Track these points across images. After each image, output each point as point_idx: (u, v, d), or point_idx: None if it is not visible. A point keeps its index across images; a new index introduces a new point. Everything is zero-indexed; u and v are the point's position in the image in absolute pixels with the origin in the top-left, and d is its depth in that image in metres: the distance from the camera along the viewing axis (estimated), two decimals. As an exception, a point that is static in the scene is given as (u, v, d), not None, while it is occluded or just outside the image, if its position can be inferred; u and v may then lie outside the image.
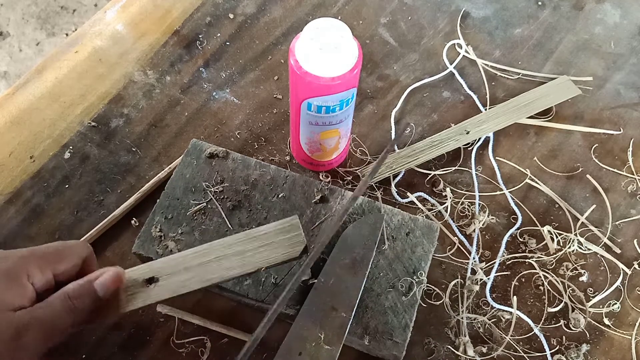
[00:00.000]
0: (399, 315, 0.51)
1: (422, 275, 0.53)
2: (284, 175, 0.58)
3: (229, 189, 0.57)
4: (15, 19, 1.74)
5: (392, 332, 0.51)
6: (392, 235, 0.55)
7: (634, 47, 0.73)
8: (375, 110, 0.68)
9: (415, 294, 0.52)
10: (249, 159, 0.59)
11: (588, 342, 0.55)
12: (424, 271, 0.53)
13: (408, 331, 0.51)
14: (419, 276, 0.53)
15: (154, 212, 0.56)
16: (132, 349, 0.54)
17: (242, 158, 0.59)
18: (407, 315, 0.51)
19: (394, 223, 0.56)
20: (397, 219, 0.56)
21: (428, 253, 0.54)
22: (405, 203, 0.61)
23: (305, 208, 0.56)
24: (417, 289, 0.52)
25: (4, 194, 0.61)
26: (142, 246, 0.54)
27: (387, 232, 0.55)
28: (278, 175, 0.58)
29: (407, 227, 0.56)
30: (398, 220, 0.56)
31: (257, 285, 0.52)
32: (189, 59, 0.71)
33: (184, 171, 0.58)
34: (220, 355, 0.54)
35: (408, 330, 0.51)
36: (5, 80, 1.64)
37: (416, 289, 0.52)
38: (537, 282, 0.58)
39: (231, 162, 0.58)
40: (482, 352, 0.54)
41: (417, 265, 0.54)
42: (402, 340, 0.51)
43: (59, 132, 0.65)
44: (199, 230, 0.55)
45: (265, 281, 0.53)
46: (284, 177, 0.58)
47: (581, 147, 0.66)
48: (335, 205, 0.56)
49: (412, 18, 0.75)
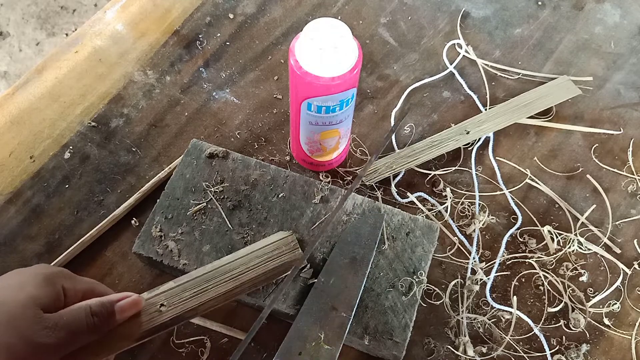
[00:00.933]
0: (399, 315, 0.51)
1: (422, 275, 0.53)
2: (284, 175, 0.58)
3: (229, 189, 0.57)
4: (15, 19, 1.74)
5: (392, 332, 0.51)
6: (392, 235, 0.55)
7: (634, 47, 0.73)
8: (375, 110, 0.68)
9: (415, 293, 0.52)
10: (249, 159, 0.59)
11: (588, 342, 0.55)
12: (424, 271, 0.54)
13: (408, 331, 0.51)
14: (419, 276, 0.53)
15: (154, 212, 0.56)
16: (132, 349, 0.54)
17: (242, 158, 0.59)
18: (407, 315, 0.52)
19: (394, 223, 0.56)
20: (397, 219, 0.56)
21: (428, 253, 0.54)
22: (406, 203, 0.61)
23: (305, 208, 0.56)
24: (417, 289, 0.53)
25: (4, 193, 0.61)
26: (142, 246, 0.54)
27: (387, 232, 0.55)
28: (278, 175, 0.58)
29: (407, 227, 0.56)
30: (398, 220, 0.56)
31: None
32: (189, 59, 0.71)
33: (184, 171, 0.58)
34: (220, 355, 0.54)
35: (408, 330, 0.51)
36: (5, 80, 1.64)
37: (416, 289, 0.52)
38: (537, 282, 0.58)
39: (231, 162, 0.58)
40: (482, 352, 0.54)
41: (417, 265, 0.54)
42: (402, 340, 0.51)
43: (59, 132, 0.65)
44: (199, 230, 0.55)
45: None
46: (284, 177, 0.58)
47: (581, 147, 0.66)
48: (335, 205, 0.56)
49: (412, 18, 0.75)
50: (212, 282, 0.49)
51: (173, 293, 0.47)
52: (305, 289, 0.52)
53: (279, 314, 0.53)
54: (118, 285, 0.57)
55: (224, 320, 0.55)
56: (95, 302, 0.43)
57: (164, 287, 0.48)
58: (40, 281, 0.41)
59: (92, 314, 0.42)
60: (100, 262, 0.58)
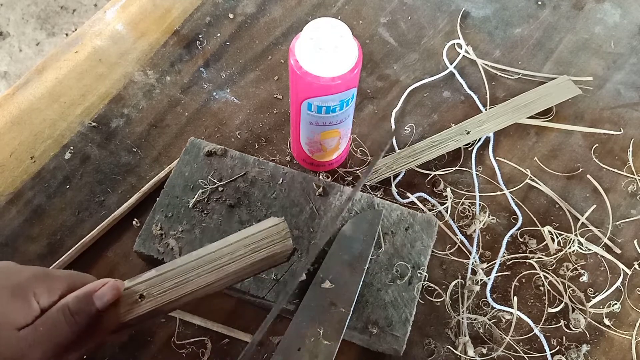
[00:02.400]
0: (399, 310, 0.52)
1: (422, 269, 0.53)
2: (283, 172, 0.58)
3: (228, 186, 0.57)
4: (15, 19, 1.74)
5: (392, 326, 0.51)
6: (391, 230, 0.55)
7: (634, 47, 0.73)
8: (376, 110, 0.68)
9: (415, 288, 0.52)
10: (247, 157, 0.59)
11: (588, 343, 0.55)
12: (424, 265, 0.54)
13: (408, 325, 0.51)
14: (419, 270, 0.53)
15: (154, 210, 0.56)
16: (133, 350, 0.54)
17: (240, 155, 0.59)
18: (407, 310, 0.52)
19: (392, 218, 0.56)
20: (396, 214, 0.56)
21: (427, 247, 0.55)
22: (406, 203, 0.61)
23: (305, 204, 0.56)
24: (417, 283, 0.53)
25: (5, 194, 0.61)
26: (144, 244, 0.54)
27: (386, 227, 0.55)
28: (276, 172, 0.58)
29: (406, 222, 0.56)
30: (397, 215, 0.56)
31: (257, 282, 0.52)
32: (189, 59, 0.71)
33: (182, 169, 0.58)
34: (221, 355, 0.54)
35: (408, 324, 0.51)
36: (5, 80, 1.64)
37: (416, 283, 0.53)
38: (537, 282, 0.58)
39: (229, 160, 0.59)
40: (482, 352, 0.54)
41: (417, 259, 0.54)
42: (402, 334, 0.51)
43: (60, 132, 0.65)
44: (200, 228, 0.55)
45: (266, 278, 0.53)
46: (283, 174, 0.58)
47: (581, 147, 0.66)
48: (334, 202, 0.56)
49: (412, 18, 0.75)
50: (195, 272, 0.46)
51: (153, 283, 0.45)
52: (304, 285, 0.52)
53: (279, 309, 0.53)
54: (119, 285, 0.57)
55: (225, 321, 0.55)
56: (72, 299, 0.40)
57: (145, 276, 0.45)
58: (7, 297, 0.38)
59: (72, 314, 0.40)
60: (102, 262, 0.58)
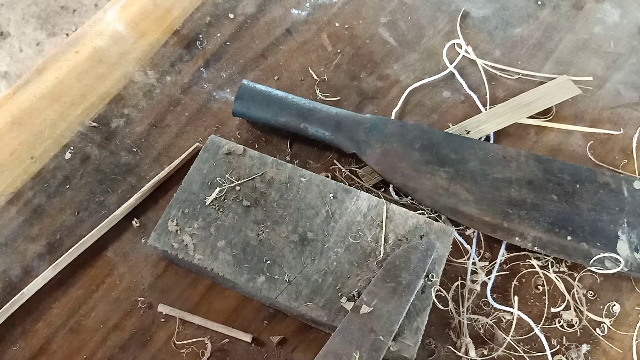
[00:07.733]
0: (410, 318, 0.51)
1: (436, 278, 0.53)
2: (300, 174, 0.58)
3: (246, 185, 0.57)
4: (15, 19, 1.74)
5: (403, 334, 0.51)
6: (405, 238, 0.55)
7: (634, 47, 0.73)
8: (376, 110, 0.68)
9: (428, 296, 0.52)
10: (266, 157, 0.59)
11: (588, 343, 0.55)
12: (438, 274, 0.53)
13: (419, 334, 0.51)
14: (432, 279, 0.53)
15: (170, 205, 0.56)
16: (132, 350, 0.54)
17: (259, 156, 0.59)
18: (419, 318, 0.51)
19: (408, 226, 0.55)
20: (412, 222, 0.56)
21: (442, 257, 0.54)
22: (406, 203, 0.61)
23: (321, 207, 0.56)
24: (430, 292, 0.52)
25: (5, 194, 0.61)
26: (158, 239, 0.54)
27: (400, 235, 0.55)
28: (294, 174, 0.58)
29: (422, 230, 0.55)
30: (413, 223, 0.56)
31: (270, 283, 0.53)
32: (189, 59, 0.71)
33: (201, 166, 0.58)
34: (221, 355, 0.54)
35: (419, 333, 0.51)
36: (5, 80, 1.64)
37: (429, 292, 0.52)
38: (537, 282, 0.58)
39: (248, 160, 0.59)
40: (483, 353, 0.54)
41: (430, 268, 0.53)
42: (414, 343, 0.50)
43: (60, 132, 0.65)
44: (215, 226, 0.55)
45: (279, 279, 0.53)
46: (300, 176, 0.58)
47: (581, 147, 0.66)
48: (350, 206, 0.56)
49: (412, 18, 0.75)
50: None
51: None
52: (316, 286, 0.52)
53: (314, 320, 0.53)
54: (119, 285, 0.57)
55: (225, 321, 0.55)
56: None
57: None
58: None
59: None
60: (101, 262, 0.58)
